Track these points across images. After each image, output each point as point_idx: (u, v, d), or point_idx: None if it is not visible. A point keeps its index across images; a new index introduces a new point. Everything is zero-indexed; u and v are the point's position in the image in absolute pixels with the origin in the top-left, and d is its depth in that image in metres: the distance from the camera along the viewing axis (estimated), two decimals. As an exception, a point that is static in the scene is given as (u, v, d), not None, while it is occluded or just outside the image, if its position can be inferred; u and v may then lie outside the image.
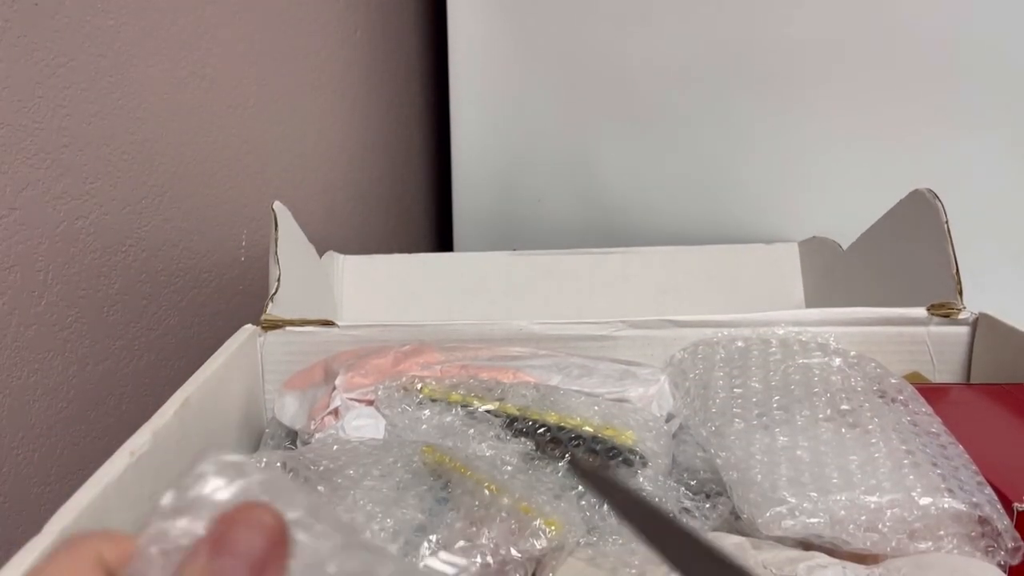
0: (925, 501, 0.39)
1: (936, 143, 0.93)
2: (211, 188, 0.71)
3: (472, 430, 0.46)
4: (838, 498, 0.40)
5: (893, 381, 0.50)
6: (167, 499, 0.19)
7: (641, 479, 0.43)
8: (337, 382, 0.50)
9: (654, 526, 0.21)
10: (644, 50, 0.97)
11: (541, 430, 0.45)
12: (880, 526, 0.39)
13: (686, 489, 0.45)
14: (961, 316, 0.57)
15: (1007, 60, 0.90)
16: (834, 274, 0.76)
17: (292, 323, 0.58)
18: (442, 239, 1.31)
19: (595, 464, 0.44)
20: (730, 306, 0.77)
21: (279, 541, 0.18)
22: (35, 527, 0.33)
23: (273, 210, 0.62)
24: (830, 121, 0.95)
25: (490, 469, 0.41)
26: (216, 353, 0.53)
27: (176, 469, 0.44)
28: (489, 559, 0.36)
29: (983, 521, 0.39)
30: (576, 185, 1.02)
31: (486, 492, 0.39)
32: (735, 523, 0.42)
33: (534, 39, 0.99)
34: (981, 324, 0.57)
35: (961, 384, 0.57)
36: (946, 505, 0.39)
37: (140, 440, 0.40)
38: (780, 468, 0.43)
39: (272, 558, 0.18)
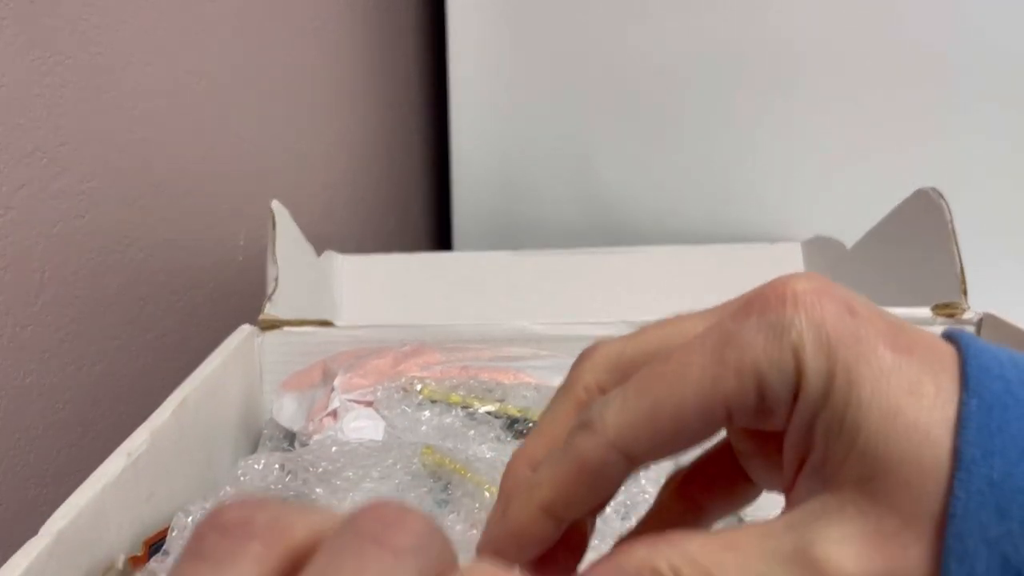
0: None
1: (941, 142, 0.93)
2: (209, 187, 0.70)
3: (472, 431, 0.46)
4: (843, 500, 0.39)
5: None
6: None
7: (642, 479, 0.43)
8: (336, 383, 0.50)
9: None
10: (645, 49, 0.96)
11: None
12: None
13: (689, 490, 0.44)
14: (966, 316, 0.57)
15: (1011, 59, 0.90)
16: (837, 274, 0.76)
17: (290, 323, 0.57)
18: (442, 239, 1.31)
19: None
20: (732, 306, 0.77)
21: None
22: (32, 528, 0.33)
23: (271, 209, 0.62)
24: (834, 120, 0.95)
25: (490, 471, 0.41)
26: (214, 353, 0.52)
27: (174, 470, 0.43)
28: (490, 562, 0.36)
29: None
30: (577, 184, 1.02)
31: (486, 494, 0.39)
32: (736, 523, 0.42)
33: (534, 39, 0.99)
34: (986, 324, 0.57)
35: (965, 384, 0.57)
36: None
37: (138, 441, 0.40)
38: (784, 469, 0.42)
39: None
